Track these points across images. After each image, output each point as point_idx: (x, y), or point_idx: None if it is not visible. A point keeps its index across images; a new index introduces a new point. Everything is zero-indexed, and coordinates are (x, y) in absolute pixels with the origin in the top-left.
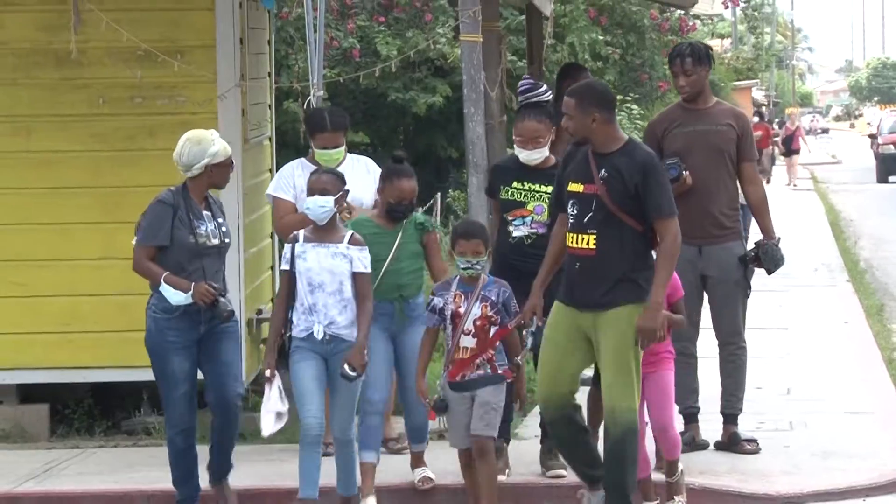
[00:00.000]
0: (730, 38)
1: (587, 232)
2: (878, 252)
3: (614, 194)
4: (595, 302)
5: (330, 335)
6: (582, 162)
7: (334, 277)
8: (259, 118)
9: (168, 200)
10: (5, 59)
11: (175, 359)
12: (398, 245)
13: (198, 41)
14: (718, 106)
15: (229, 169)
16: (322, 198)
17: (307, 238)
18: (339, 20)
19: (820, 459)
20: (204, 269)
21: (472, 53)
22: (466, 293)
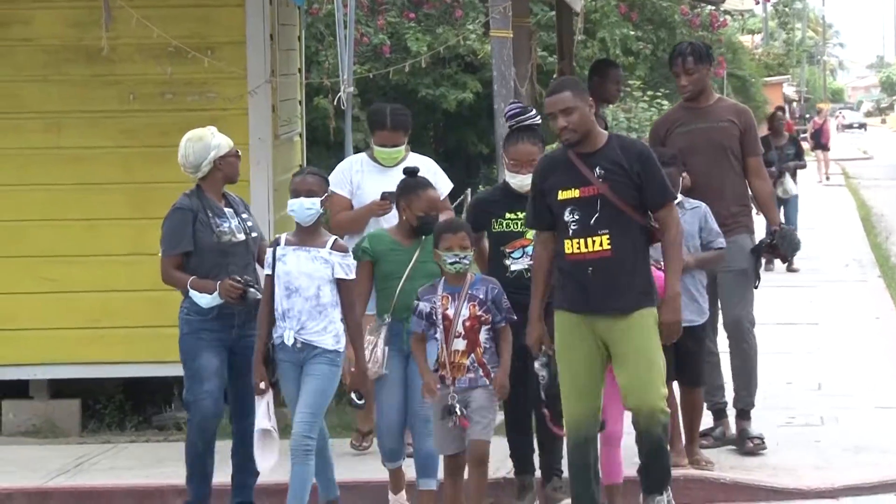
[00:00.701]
0: (760, 34)
1: (598, 233)
2: None
3: (618, 190)
4: (615, 306)
5: (301, 342)
6: (567, 168)
7: (312, 282)
8: (289, 114)
9: (186, 206)
10: (36, 55)
11: (205, 354)
12: (414, 264)
13: (228, 37)
14: (720, 103)
15: (237, 160)
16: (308, 199)
17: (288, 241)
18: (369, 16)
19: (851, 454)
20: (232, 267)
21: (502, 49)
22: (453, 294)
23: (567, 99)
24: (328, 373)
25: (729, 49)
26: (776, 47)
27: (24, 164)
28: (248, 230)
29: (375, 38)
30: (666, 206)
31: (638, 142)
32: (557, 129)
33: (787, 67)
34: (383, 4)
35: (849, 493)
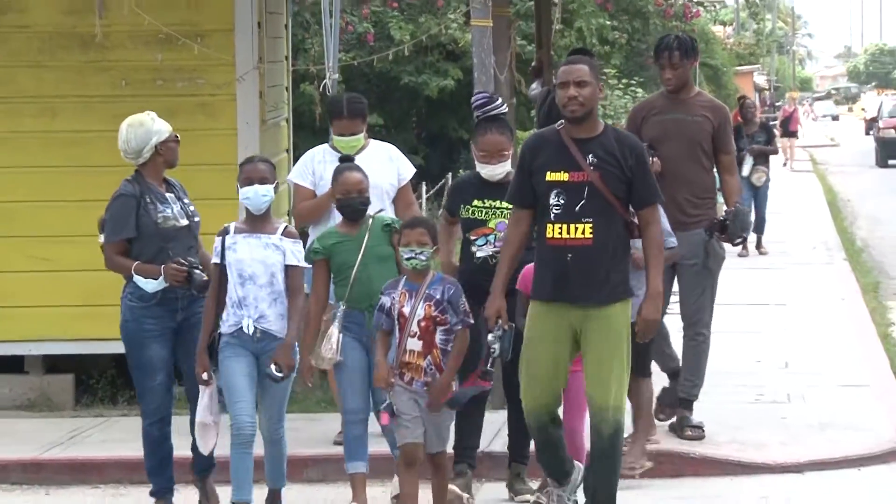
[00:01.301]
0: (732, 25)
1: (581, 221)
2: (874, 232)
3: (609, 180)
4: (592, 296)
5: (260, 331)
6: (559, 149)
7: (266, 269)
8: (276, 100)
9: (129, 192)
10: (31, 42)
11: (153, 346)
12: (364, 250)
13: (217, 25)
14: (699, 97)
15: (176, 145)
16: (262, 187)
17: (238, 229)
18: (353, 5)
19: (816, 430)
20: (175, 251)
21: (482, 38)
22: (412, 291)
23: (584, 72)
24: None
25: (701, 39)
26: (747, 37)
27: (19, 146)
28: (190, 214)
29: (360, 26)
30: (652, 205)
31: (634, 137)
32: (565, 98)
33: (757, 57)
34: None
35: (814, 468)
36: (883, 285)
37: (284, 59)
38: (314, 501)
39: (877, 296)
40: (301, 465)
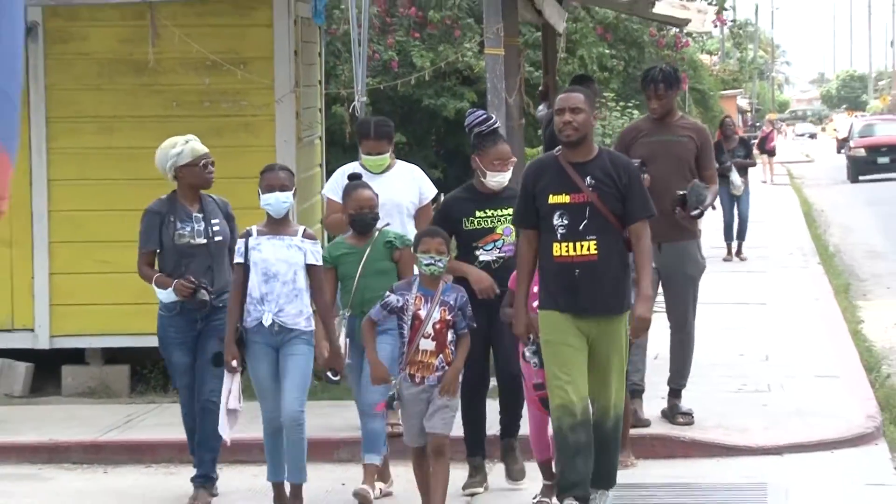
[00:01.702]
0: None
1: (586, 238)
2: (845, 239)
3: (606, 200)
4: (601, 307)
5: (279, 325)
6: (559, 174)
7: (289, 267)
8: (311, 120)
9: (155, 209)
10: (91, 67)
11: (176, 353)
12: (364, 262)
13: (258, 53)
14: (682, 120)
15: (198, 169)
16: (283, 193)
17: (261, 231)
18: (380, 36)
19: (794, 417)
20: (191, 267)
21: (495, 65)
22: (427, 296)
23: (579, 100)
24: (307, 351)
25: (690, 66)
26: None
27: (82, 161)
28: (211, 234)
29: (385, 54)
30: (644, 219)
31: (626, 157)
32: (561, 123)
33: (740, 82)
34: (392, 25)
35: (792, 451)
36: (853, 287)
37: (318, 84)
38: (345, 479)
39: (847, 296)
40: (332, 447)
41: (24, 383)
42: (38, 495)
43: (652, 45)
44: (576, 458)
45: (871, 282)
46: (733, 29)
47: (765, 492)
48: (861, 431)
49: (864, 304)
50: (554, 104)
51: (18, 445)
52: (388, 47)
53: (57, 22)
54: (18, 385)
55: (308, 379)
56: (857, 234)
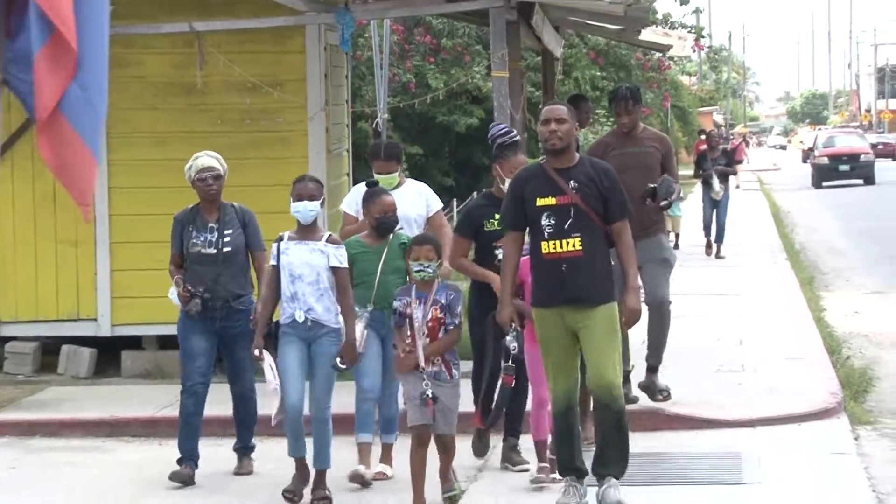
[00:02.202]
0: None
1: (571, 236)
2: (809, 237)
3: (588, 201)
4: (586, 298)
5: (311, 320)
6: (544, 179)
7: (312, 269)
8: (339, 135)
9: (178, 217)
10: (147, 89)
11: (193, 337)
12: (384, 261)
13: (292, 76)
14: (645, 132)
15: (199, 183)
16: (310, 202)
17: (291, 237)
18: (399, 60)
19: (766, 394)
20: (200, 274)
21: (500, 85)
22: (421, 298)
23: (563, 112)
24: (335, 351)
25: (672, 86)
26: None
27: (138, 172)
28: (220, 246)
29: (404, 77)
30: (623, 219)
31: (606, 164)
32: (547, 132)
33: (716, 100)
34: (410, 51)
35: (764, 424)
36: (816, 279)
37: (345, 103)
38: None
39: (812, 288)
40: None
41: (89, 367)
42: (101, 465)
43: (638, 67)
44: (566, 441)
45: (832, 275)
46: (710, 53)
47: (739, 460)
48: (824, 407)
49: (826, 295)
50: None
51: (84, 421)
52: (407, 71)
53: (116, 49)
54: (83, 368)
55: (334, 379)
56: (820, 233)
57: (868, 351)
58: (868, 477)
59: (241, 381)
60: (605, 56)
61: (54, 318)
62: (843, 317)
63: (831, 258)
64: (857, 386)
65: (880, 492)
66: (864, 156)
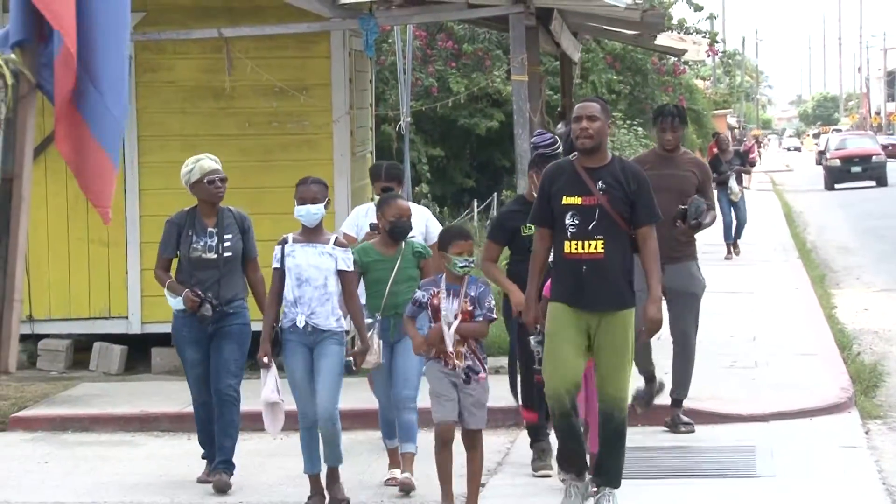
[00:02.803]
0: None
1: (594, 238)
2: (820, 236)
3: (615, 203)
4: (604, 303)
5: (312, 325)
6: (573, 178)
7: (320, 273)
8: (363, 138)
9: (174, 220)
10: (177, 93)
11: (188, 349)
12: (397, 269)
13: (318, 80)
14: (685, 155)
15: (206, 185)
16: (314, 206)
17: (296, 239)
18: (422, 65)
19: (778, 389)
20: (201, 279)
21: (520, 89)
22: (451, 290)
23: (596, 109)
24: (339, 352)
25: (687, 90)
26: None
27: (168, 174)
28: (221, 250)
29: (426, 81)
30: (650, 224)
31: (637, 165)
32: (578, 130)
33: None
34: (432, 56)
35: (776, 418)
36: (828, 277)
37: (369, 106)
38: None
39: (823, 285)
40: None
41: (120, 363)
42: (132, 459)
43: (654, 72)
44: (567, 441)
45: (842, 273)
46: (723, 58)
47: (753, 453)
48: (836, 401)
49: (837, 293)
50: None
51: (115, 416)
52: (429, 75)
53: (147, 55)
54: (115, 365)
55: (340, 377)
56: (831, 232)
57: (878, 347)
58: (878, 470)
59: (224, 379)
60: (621, 60)
61: (86, 316)
62: (854, 314)
63: (842, 257)
64: (867, 381)
65: (890, 484)
66: (876, 157)
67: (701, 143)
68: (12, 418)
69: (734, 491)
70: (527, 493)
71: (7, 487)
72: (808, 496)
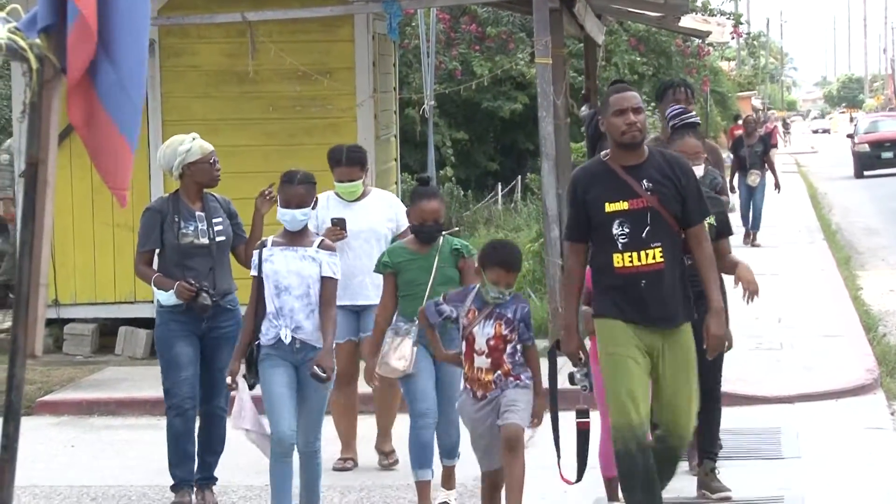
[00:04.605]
0: (735, 60)
1: (650, 246)
2: (845, 218)
3: (666, 202)
4: (669, 317)
5: (299, 341)
6: (611, 180)
7: (302, 281)
8: (387, 121)
9: (155, 207)
10: (201, 77)
11: (178, 344)
12: (435, 271)
13: (342, 64)
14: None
15: (208, 167)
16: (300, 211)
17: (276, 242)
18: (445, 48)
19: (803, 371)
20: (193, 268)
21: (544, 72)
22: (480, 309)
23: (639, 100)
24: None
25: (711, 72)
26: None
27: None
28: (213, 235)
29: (450, 64)
30: (702, 222)
31: (679, 155)
32: (624, 125)
33: (754, 85)
34: (455, 39)
35: (802, 400)
36: (853, 259)
37: (393, 90)
38: None
39: (848, 267)
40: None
41: (145, 347)
42: (157, 442)
43: (678, 53)
44: (646, 488)
45: (868, 255)
46: (748, 39)
47: (779, 435)
48: (861, 383)
49: (863, 274)
50: (605, 104)
51: (140, 400)
52: (453, 58)
53: (171, 39)
54: (140, 349)
55: (325, 403)
56: (856, 213)
57: None
58: None
59: (217, 398)
60: (645, 42)
61: (112, 300)
62: (880, 295)
63: (867, 238)
64: (893, 363)
65: None
66: None
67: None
68: (39, 402)
69: (760, 472)
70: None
71: (34, 471)
72: (834, 477)
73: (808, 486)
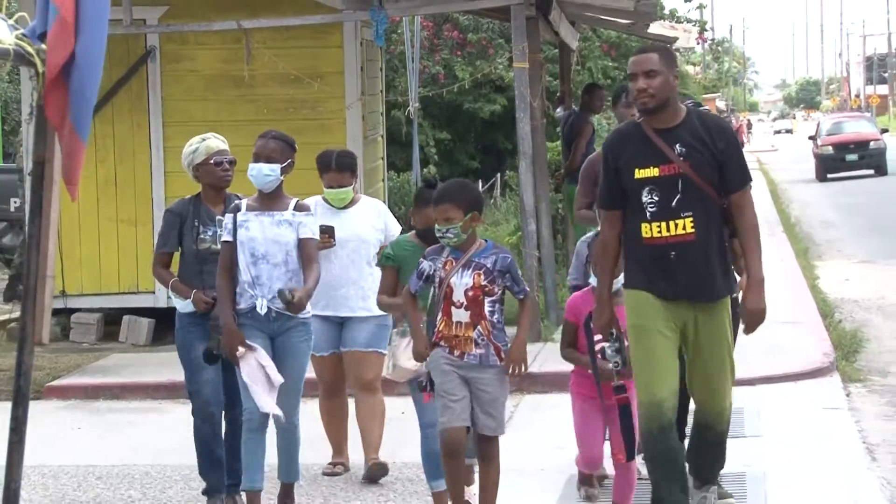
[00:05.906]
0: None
1: (681, 216)
2: (804, 211)
3: (700, 169)
4: (701, 293)
5: (275, 311)
6: (643, 143)
7: (280, 247)
8: (374, 122)
9: (175, 210)
10: (198, 81)
11: (199, 346)
12: None
13: (331, 69)
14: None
15: (217, 167)
16: (267, 166)
17: (250, 207)
18: (429, 54)
19: (765, 355)
20: (210, 274)
21: (521, 76)
22: (458, 259)
23: (653, 60)
24: (305, 349)
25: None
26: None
27: None
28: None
29: (434, 68)
30: (744, 188)
31: (720, 117)
32: (635, 91)
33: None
34: (439, 45)
35: (763, 382)
36: (811, 250)
37: (380, 93)
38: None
39: (806, 257)
40: None
41: (147, 335)
42: (159, 425)
43: None
44: (672, 470)
45: (825, 246)
46: (712, 45)
47: (742, 415)
48: (818, 366)
49: (820, 264)
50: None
51: (143, 385)
52: (436, 63)
53: (171, 46)
54: (143, 336)
55: (303, 375)
56: (814, 207)
57: (858, 315)
58: (859, 430)
59: (236, 405)
60: (617, 48)
61: (116, 291)
62: (836, 284)
63: (824, 231)
64: (848, 347)
65: (870, 443)
66: (874, 143)
67: None
68: (47, 387)
69: None
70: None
71: (43, 452)
72: (793, 454)
73: (769, 463)
